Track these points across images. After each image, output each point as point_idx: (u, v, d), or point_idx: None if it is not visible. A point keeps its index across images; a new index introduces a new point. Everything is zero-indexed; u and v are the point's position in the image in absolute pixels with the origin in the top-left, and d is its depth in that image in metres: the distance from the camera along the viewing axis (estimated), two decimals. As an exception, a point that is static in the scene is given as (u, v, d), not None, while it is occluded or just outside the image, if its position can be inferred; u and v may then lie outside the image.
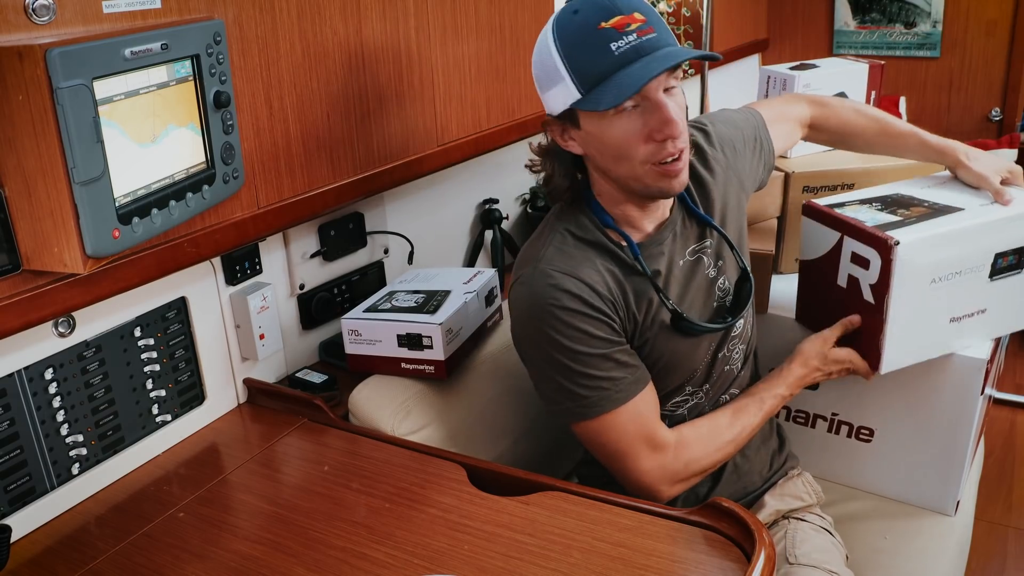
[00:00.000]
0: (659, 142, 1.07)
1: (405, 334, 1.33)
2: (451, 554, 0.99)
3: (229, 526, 1.09)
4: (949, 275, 1.24)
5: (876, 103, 1.82)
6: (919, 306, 1.24)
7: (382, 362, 1.36)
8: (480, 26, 1.64)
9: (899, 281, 1.20)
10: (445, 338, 1.32)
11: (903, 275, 1.20)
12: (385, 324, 1.34)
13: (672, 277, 1.20)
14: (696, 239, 1.25)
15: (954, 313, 1.28)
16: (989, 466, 2.23)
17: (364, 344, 1.36)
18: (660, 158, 1.08)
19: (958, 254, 1.23)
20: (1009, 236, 1.26)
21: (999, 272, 1.27)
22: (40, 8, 0.91)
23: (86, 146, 0.89)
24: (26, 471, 1.09)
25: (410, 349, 1.33)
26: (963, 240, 1.23)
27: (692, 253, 1.24)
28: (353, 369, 1.39)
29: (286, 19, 1.24)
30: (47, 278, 0.98)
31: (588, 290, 1.12)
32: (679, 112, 1.07)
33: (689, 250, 1.24)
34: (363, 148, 1.42)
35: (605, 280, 1.14)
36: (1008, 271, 1.28)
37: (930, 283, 1.23)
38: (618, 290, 1.15)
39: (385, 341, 1.34)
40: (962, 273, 1.24)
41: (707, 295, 1.25)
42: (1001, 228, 1.25)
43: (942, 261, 1.22)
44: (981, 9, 2.88)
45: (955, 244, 1.23)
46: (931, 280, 1.23)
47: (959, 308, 1.28)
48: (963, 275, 1.25)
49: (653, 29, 1.05)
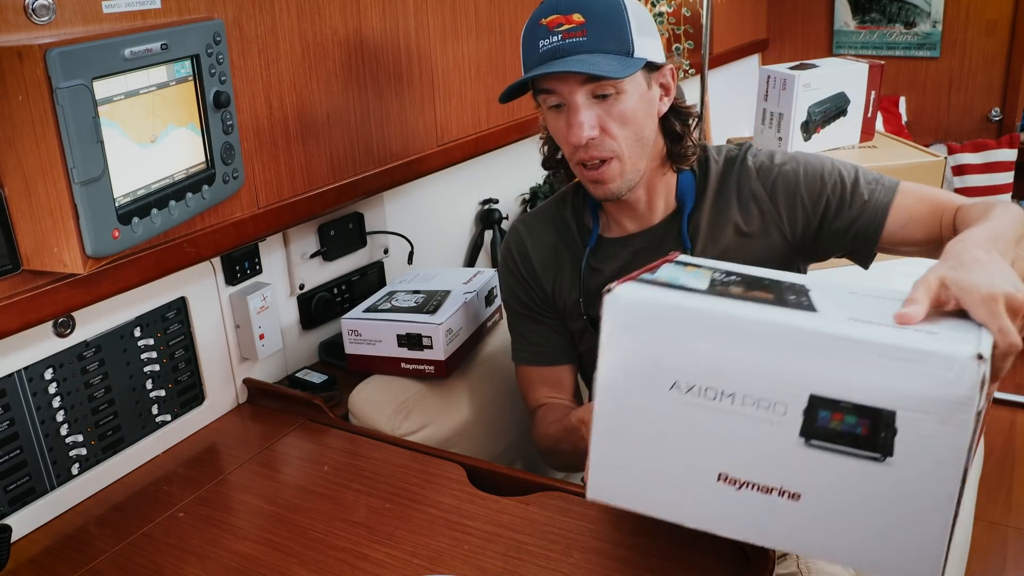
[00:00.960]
0: (573, 145, 1.09)
1: (405, 334, 1.33)
2: (451, 554, 0.99)
3: (229, 526, 1.08)
4: (715, 393, 0.71)
5: (876, 103, 1.83)
6: (654, 422, 0.73)
7: (382, 362, 1.36)
8: (480, 26, 1.64)
9: (609, 357, 0.74)
10: (445, 338, 1.31)
11: (615, 349, 0.74)
12: (385, 324, 1.34)
13: (603, 278, 1.20)
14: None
15: (728, 470, 0.72)
16: (989, 466, 2.23)
17: (364, 344, 1.36)
18: (576, 160, 1.12)
19: (734, 361, 0.70)
20: (841, 372, 0.67)
21: (821, 436, 0.68)
22: (40, 8, 0.91)
23: (86, 146, 0.89)
24: (26, 471, 1.09)
25: (410, 349, 1.33)
26: (741, 338, 0.69)
27: None
28: (353, 369, 1.39)
29: (286, 19, 1.24)
30: (47, 278, 0.98)
31: (521, 252, 1.27)
32: (592, 119, 1.07)
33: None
34: (363, 148, 1.42)
35: (542, 253, 1.25)
36: (840, 443, 0.68)
37: (670, 388, 0.72)
38: (550, 267, 1.25)
39: (385, 341, 1.34)
40: (743, 401, 0.70)
41: None
42: (822, 350, 0.67)
43: (697, 359, 0.71)
44: (981, 9, 2.88)
45: (727, 339, 0.70)
46: (671, 384, 0.72)
47: (738, 466, 0.72)
48: (746, 405, 0.70)
49: (585, 33, 1.05)
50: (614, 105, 1.08)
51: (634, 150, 1.12)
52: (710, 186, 1.20)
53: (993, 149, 2.87)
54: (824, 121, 1.79)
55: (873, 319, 0.69)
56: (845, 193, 1.14)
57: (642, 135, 1.11)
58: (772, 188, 1.17)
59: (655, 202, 1.20)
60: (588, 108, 1.08)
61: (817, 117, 1.77)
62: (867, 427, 0.66)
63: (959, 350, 0.64)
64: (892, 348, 0.65)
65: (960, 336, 0.67)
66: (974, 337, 0.67)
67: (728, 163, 1.21)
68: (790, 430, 0.69)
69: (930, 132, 3.02)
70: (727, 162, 1.21)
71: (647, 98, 1.11)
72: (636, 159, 1.12)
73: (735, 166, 1.20)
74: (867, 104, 1.81)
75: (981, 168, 2.87)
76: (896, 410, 0.65)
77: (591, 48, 1.06)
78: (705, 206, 1.19)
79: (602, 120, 1.09)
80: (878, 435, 0.66)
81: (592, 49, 1.06)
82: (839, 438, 0.67)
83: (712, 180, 1.20)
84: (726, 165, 1.21)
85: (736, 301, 0.72)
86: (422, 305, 1.37)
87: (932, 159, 1.67)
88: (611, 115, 1.08)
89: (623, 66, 1.06)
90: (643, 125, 1.11)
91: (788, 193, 1.16)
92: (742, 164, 1.19)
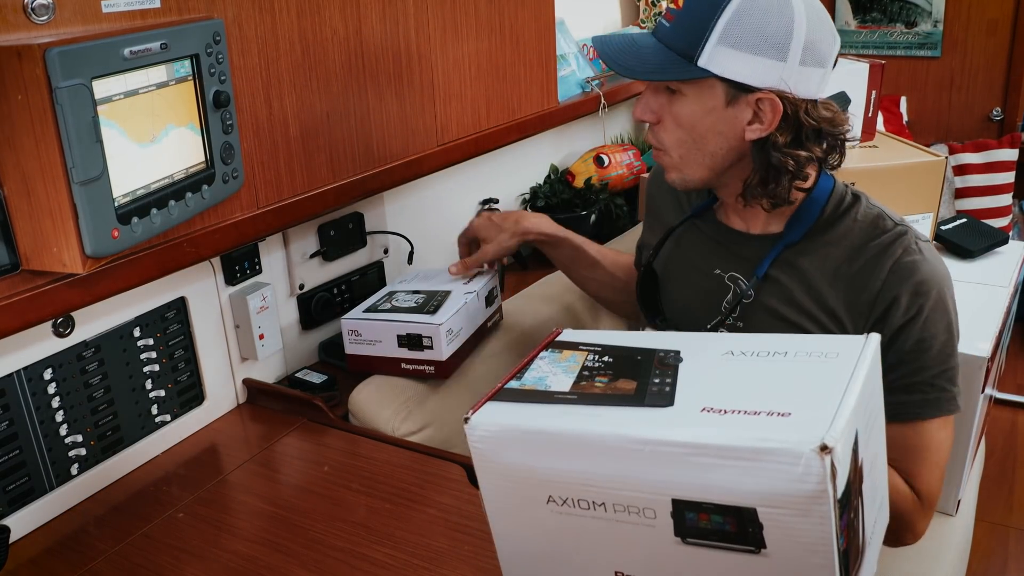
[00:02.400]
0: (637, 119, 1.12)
1: (405, 334, 1.32)
2: (451, 554, 0.99)
3: (228, 526, 1.08)
4: (587, 504, 0.74)
5: (876, 103, 1.82)
6: (545, 532, 0.78)
7: (382, 362, 1.35)
8: (480, 26, 1.64)
9: (485, 480, 0.78)
10: (446, 338, 1.31)
11: (486, 472, 0.78)
12: (385, 324, 1.33)
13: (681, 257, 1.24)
14: (742, 271, 1.14)
15: (623, 568, 0.77)
16: (990, 467, 2.22)
17: (364, 344, 1.36)
18: None
19: (595, 475, 0.73)
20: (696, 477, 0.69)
21: (695, 535, 0.71)
22: (39, 7, 0.91)
23: (85, 146, 0.89)
24: (25, 471, 1.09)
25: (410, 349, 1.33)
26: (596, 454, 0.72)
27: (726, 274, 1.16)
28: (352, 369, 1.38)
29: (286, 19, 1.24)
30: (46, 278, 0.98)
31: (658, 179, 1.30)
32: (652, 104, 1.07)
33: (728, 272, 1.16)
34: (363, 148, 1.42)
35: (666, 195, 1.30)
36: (714, 539, 0.70)
37: (547, 503, 0.76)
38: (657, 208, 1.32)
39: (385, 341, 1.34)
40: (614, 508, 0.73)
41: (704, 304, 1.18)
42: (674, 459, 0.69)
43: (561, 475, 0.74)
44: (982, 8, 2.88)
45: (583, 456, 0.72)
46: (546, 499, 0.76)
47: (631, 564, 0.77)
48: (618, 512, 0.73)
49: (672, 19, 1.03)
50: (674, 103, 1.05)
51: (689, 155, 1.07)
52: (831, 238, 1.08)
53: (994, 149, 2.86)
54: (825, 121, 1.79)
55: (729, 403, 0.71)
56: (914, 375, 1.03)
57: (702, 145, 1.05)
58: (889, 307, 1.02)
59: (750, 215, 1.14)
60: (653, 94, 1.07)
61: (818, 117, 1.77)
62: (734, 523, 0.68)
63: (804, 441, 0.63)
64: (738, 450, 0.66)
65: (813, 415, 0.67)
66: (829, 412, 0.67)
67: (870, 232, 1.06)
68: (665, 531, 0.72)
69: (931, 132, 3.02)
70: (871, 229, 1.07)
71: (720, 114, 1.02)
72: (692, 164, 1.08)
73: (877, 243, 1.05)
74: (868, 104, 1.80)
75: (982, 168, 2.87)
76: (756, 507, 0.66)
77: (663, 36, 1.04)
78: (812, 251, 1.09)
79: (663, 111, 1.07)
80: (747, 530, 0.68)
81: (665, 38, 1.03)
82: (711, 535, 0.70)
83: (837, 235, 1.08)
84: (867, 233, 1.07)
85: (592, 409, 0.75)
86: (422, 305, 1.37)
87: (933, 159, 1.67)
88: (671, 111, 1.06)
89: (664, 68, 1.01)
90: (704, 136, 1.04)
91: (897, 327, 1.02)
92: (884, 249, 1.04)
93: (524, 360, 0.85)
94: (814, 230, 1.09)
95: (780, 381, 0.75)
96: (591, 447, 0.72)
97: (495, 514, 0.80)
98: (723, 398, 0.72)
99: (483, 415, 0.77)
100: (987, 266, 1.65)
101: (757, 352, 0.79)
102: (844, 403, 0.68)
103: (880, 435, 0.79)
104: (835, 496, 0.63)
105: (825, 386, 0.71)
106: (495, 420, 0.76)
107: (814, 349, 0.78)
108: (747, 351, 0.80)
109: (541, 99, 1.83)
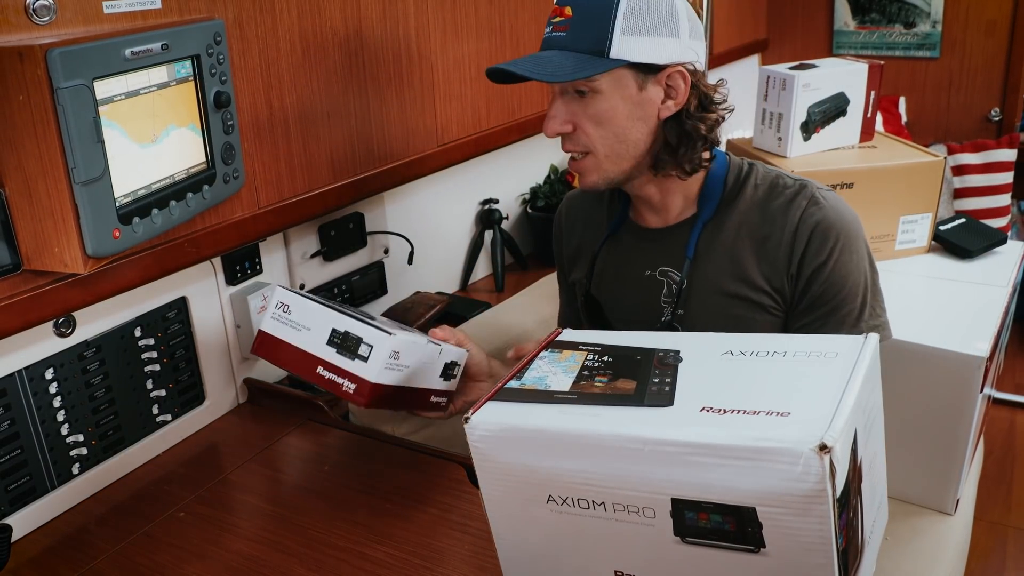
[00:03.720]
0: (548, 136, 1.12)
1: (343, 331, 1.05)
2: (451, 554, 0.99)
3: (229, 526, 1.09)
4: (587, 503, 0.75)
5: (876, 103, 1.83)
6: (545, 530, 0.79)
7: (293, 355, 1.07)
8: (480, 26, 1.64)
9: (485, 479, 0.80)
10: (388, 358, 1.03)
11: (487, 471, 0.79)
12: (326, 311, 1.07)
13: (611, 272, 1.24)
14: (671, 263, 1.18)
15: (623, 567, 0.79)
16: (989, 466, 2.23)
17: (287, 326, 1.08)
18: (563, 149, 1.13)
19: (595, 474, 0.73)
20: (696, 476, 0.69)
21: (694, 534, 0.72)
22: (41, 8, 0.91)
23: (87, 146, 0.89)
24: (27, 471, 1.09)
25: (339, 352, 1.05)
26: (596, 453, 0.72)
27: (656, 270, 1.19)
28: (255, 351, 1.11)
29: (286, 19, 1.24)
30: (47, 278, 0.98)
31: (566, 209, 1.34)
32: (564, 114, 1.08)
33: (657, 268, 1.19)
34: (363, 148, 1.42)
35: (577, 221, 1.31)
36: (713, 539, 0.71)
37: (547, 502, 0.77)
38: (575, 236, 1.30)
39: (315, 331, 1.06)
40: (614, 508, 0.74)
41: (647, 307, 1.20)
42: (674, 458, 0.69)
43: (561, 475, 0.75)
44: (981, 9, 2.88)
45: (583, 456, 0.73)
46: (546, 498, 0.77)
47: (630, 563, 0.78)
48: (618, 511, 0.74)
49: (568, 28, 1.05)
50: (589, 104, 1.07)
51: (614, 150, 1.09)
52: (739, 206, 1.15)
53: (993, 149, 2.86)
54: (824, 121, 1.79)
55: (728, 402, 0.71)
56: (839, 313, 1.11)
57: (625, 136, 1.08)
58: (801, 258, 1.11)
59: (669, 201, 1.18)
60: (563, 103, 1.09)
61: (817, 117, 1.77)
62: (733, 523, 0.69)
63: (803, 440, 0.64)
64: (737, 450, 0.66)
65: (812, 415, 0.67)
66: (828, 412, 0.67)
67: (772, 192, 1.14)
68: (665, 530, 0.72)
69: (930, 132, 3.02)
70: (771, 189, 1.14)
71: (635, 100, 1.07)
72: (617, 159, 1.10)
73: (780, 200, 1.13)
74: (867, 104, 1.81)
75: (981, 168, 2.87)
76: (755, 506, 0.67)
77: (566, 44, 1.05)
78: (726, 223, 1.15)
79: (576, 116, 1.08)
80: (746, 529, 0.68)
81: (566, 46, 1.05)
82: (710, 535, 0.70)
83: (743, 201, 1.15)
84: (769, 193, 1.14)
85: (592, 408, 0.76)
86: (381, 326, 1.07)
87: (932, 159, 1.67)
88: (586, 113, 1.08)
89: (582, 66, 1.03)
90: (625, 127, 1.08)
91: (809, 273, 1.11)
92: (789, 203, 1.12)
93: (524, 360, 0.85)
94: (723, 203, 1.16)
95: (779, 381, 0.75)
96: (591, 447, 0.72)
97: (495, 514, 0.81)
98: (722, 398, 0.73)
99: (483, 415, 0.77)
100: (986, 266, 1.66)
101: (756, 352, 0.80)
102: (843, 403, 0.68)
103: (879, 434, 0.79)
104: (834, 495, 0.64)
105: (824, 386, 0.72)
106: (495, 420, 0.77)
107: (813, 349, 0.79)
108: (746, 351, 0.81)
109: (541, 99, 1.83)
